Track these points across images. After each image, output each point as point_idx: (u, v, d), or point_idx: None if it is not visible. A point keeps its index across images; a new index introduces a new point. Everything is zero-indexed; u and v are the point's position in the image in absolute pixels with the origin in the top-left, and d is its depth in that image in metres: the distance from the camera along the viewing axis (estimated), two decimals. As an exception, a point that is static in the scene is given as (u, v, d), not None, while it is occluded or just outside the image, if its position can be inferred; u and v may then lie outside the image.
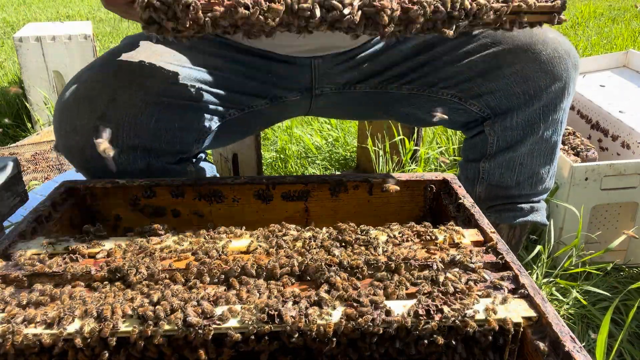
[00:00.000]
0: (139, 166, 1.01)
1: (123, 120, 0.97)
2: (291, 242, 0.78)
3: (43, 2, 8.37)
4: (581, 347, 0.58)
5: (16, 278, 0.70)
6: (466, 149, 1.26)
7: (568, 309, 1.38)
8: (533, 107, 1.12)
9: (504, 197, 1.23)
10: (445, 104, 1.18)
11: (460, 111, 1.18)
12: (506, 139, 1.16)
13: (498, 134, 1.16)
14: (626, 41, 4.30)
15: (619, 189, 1.46)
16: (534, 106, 1.12)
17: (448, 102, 1.18)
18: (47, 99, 3.11)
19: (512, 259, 0.73)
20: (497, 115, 1.15)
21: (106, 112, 0.97)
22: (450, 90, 1.17)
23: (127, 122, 0.97)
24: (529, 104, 1.12)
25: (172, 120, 1.01)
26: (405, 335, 0.63)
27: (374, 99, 1.25)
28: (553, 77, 1.11)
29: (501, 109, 1.14)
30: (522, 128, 1.14)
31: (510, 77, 1.11)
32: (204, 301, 0.63)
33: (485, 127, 1.17)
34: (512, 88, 1.11)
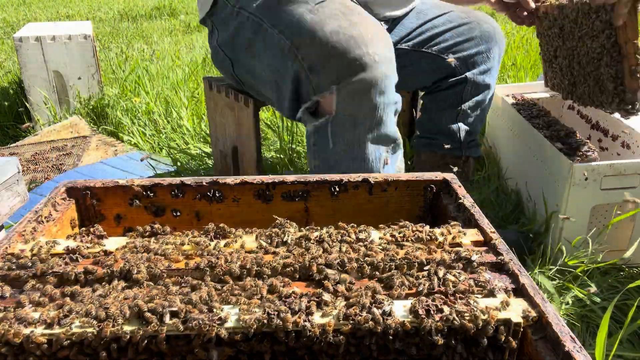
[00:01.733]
0: None
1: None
2: (292, 242, 0.78)
3: (43, 2, 8.38)
4: (581, 347, 0.58)
5: (16, 278, 0.70)
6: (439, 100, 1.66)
7: (568, 309, 1.38)
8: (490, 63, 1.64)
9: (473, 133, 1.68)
10: (434, 58, 1.61)
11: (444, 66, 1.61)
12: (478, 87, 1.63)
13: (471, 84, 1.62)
14: (626, 41, 4.30)
15: (619, 189, 1.46)
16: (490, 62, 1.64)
17: (436, 57, 1.61)
18: (47, 99, 3.11)
19: (512, 259, 0.73)
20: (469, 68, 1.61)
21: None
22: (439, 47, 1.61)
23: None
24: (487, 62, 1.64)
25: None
26: (405, 335, 0.63)
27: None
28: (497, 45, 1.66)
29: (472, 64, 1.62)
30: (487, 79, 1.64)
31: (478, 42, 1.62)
32: (205, 301, 0.63)
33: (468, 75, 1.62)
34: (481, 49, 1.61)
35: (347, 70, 1.14)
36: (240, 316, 0.62)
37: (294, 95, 1.25)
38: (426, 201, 0.98)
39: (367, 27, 1.20)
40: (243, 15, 1.36)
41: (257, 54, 1.34)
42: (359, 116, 1.19)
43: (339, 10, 1.22)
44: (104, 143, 2.61)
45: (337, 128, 1.20)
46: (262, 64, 1.33)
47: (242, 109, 1.59)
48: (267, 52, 1.29)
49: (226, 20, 1.42)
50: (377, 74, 1.15)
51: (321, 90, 1.18)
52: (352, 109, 1.18)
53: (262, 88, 1.42)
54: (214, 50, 1.52)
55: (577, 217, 1.50)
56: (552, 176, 1.55)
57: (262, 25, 1.30)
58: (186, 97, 3.15)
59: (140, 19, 6.95)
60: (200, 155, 2.46)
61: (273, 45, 1.27)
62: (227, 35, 1.42)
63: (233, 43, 1.42)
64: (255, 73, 1.40)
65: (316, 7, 1.23)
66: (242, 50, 1.40)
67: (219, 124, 1.79)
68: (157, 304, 0.63)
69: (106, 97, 3.23)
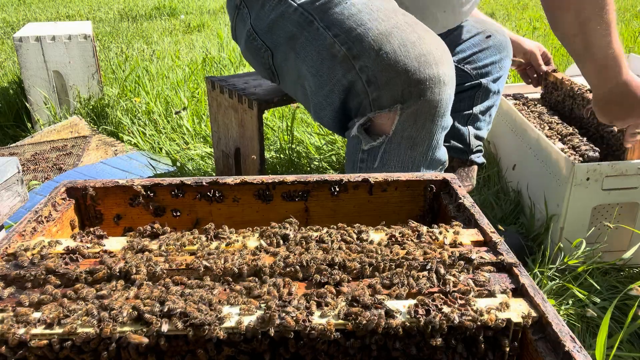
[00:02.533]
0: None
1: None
2: (292, 242, 0.78)
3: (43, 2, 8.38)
4: (581, 347, 0.58)
5: (16, 278, 0.70)
6: (454, 103, 1.66)
7: (568, 309, 1.38)
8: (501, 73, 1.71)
9: (481, 138, 1.71)
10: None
11: (459, 73, 1.59)
12: (488, 93, 1.68)
13: (483, 90, 1.67)
14: (626, 41, 4.30)
15: (620, 189, 1.46)
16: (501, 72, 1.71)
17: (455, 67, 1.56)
18: (47, 99, 3.11)
19: (512, 259, 0.73)
20: (482, 76, 1.67)
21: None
22: (458, 57, 1.66)
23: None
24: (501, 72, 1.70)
25: None
26: (405, 335, 0.63)
27: None
28: (507, 55, 1.73)
29: (487, 73, 1.68)
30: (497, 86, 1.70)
31: (493, 53, 1.69)
32: (205, 301, 0.63)
33: (482, 81, 1.66)
34: (495, 59, 1.68)
35: (416, 89, 1.06)
36: (240, 316, 0.62)
37: (341, 106, 1.16)
38: (426, 201, 0.98)
39: (437, 44, 1.12)
40: (289, 4, 1.22)
41: (299, 50, 1.22)
42: (418, 138, 1.11)
43: (404, 21, 1.13)
44: (104, 143, 2.61)
45: (393, 149, 1.12)
46: (304, 64, 1.22)
47: (245, 111, 1.58)
48: (313, 52, 1.18)
49: (264, 4, 1.29)
50: (444, 96, 1.09)
51: (381, 107, 1.09)
52: (412, 131, 1.10)
53: (296, 88, 1.32)
54: (247, 36, 1.36)
55: (578, 217, 1.50)
56: (554, 176, 1.55)
57: (312, 23, 1.18)
58: (186, 97, 3.15)
59: (140, 19, 6.95)
60: (200, 155, 2.46)
61: (323, 48, 1.16)
62: (266, 21, 1.29)
63: (272, 31, 1.28)
64: (295, 70, 1.27)
65: (379, 15, 1.13)
66: (283, 41, 1.26)
67: (221, 124, 1.79)
68: (157, 304, 0.63)
69: (106, 97, 3.23)
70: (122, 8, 7.77)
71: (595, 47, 1.26)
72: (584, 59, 1.30)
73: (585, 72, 1.34)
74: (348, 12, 1.14)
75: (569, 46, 1.31)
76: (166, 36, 5.61)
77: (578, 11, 1.23)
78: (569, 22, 1.25)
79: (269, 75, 1.42)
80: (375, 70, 1.09)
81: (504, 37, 1.71)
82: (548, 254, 1.53)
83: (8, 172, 1.15)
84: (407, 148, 1.12)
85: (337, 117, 1.19)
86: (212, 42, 5.12)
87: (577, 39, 1.27)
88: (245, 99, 1.57)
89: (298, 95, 1.35)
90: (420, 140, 1.12)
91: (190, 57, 4.44)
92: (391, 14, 1.15)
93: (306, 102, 1.30)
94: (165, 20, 6.82)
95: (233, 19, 1.44)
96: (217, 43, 4.97)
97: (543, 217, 1.65)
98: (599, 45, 1.25)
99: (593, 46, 1.25)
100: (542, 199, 1.64)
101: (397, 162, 1.14)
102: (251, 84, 1.70)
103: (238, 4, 1.39)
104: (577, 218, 1.50)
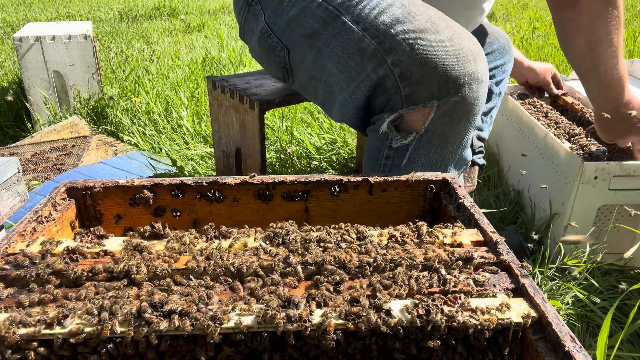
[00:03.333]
0: None
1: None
2: (292, 242, 0.78)
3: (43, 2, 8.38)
4: (581, 347, 0.58)
5: (16, 278, 0.70)
6: None
7: (568, 309, 1.38)
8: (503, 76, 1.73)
9: (483, 139, 1.70)
10: None
11: None
12: (491, 94, 1.67)
13: (488, 92, 1.57)
14: (626, 41, 4.30)
15: (626, 190, 1.46)
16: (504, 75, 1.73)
17: None
18: (47, 99, 3.11)
19: (512, 259, 0.73)
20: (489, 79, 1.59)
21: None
22: None
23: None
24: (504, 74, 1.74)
25: None
26: (405, 335, 0.63)
27: None
28: (510, 58, 1.76)
29: (490, 76, 1.65)
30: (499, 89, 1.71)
31: (497, 56, 1.70)
32: (205, 301, 0.63)
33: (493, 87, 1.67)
34: (499, 63, 1.69)
35: (453, 85, 1.03)
36: (240, 316, 0.62)
37: (366, 103, 1.13)
38: (426, 201, 0.98)
39: (472, 40, 1.09)
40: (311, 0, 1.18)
41: (322, 47, 1.17)
42: (450, 137, 1.09)
43: (437, 16, 1.10)
44: (104, 143, 2.61)
45: (423, 147, 1.09)
46: (329, 60, 1.17)
47: (247, 111, 1.58)
48: (338, 48, 1.14)
49: (282, 0, 1.25)
50: (480, 93, 1.07)
51: (415, 102, 1.06)
52: (446, 128, 1.08)
53: (316, 86, 1.27)
54: (261, 33, 1.31)
55: (583, 216, 1.50)
56: (560, 174, 1.55)
57: (338, 17, 1.14)
58: (186, 97, 3.15)
59: (140, 19, 6.95)
60: (200, 155, 2.46)
61: (350, 43, 1.12)
62: (284, 17, 1.24)
63: (290, 28, 1.23)
64: (316, 67, 1.23)
65: (412, 9, 1.10)
66: (303, 39, 1.21)
67: (222, 124, 1.78)
68: (157, 304, 0.63)
69: (106, 97, 3.23)
70: (122, 8, 7.77)
71: (602, 67, 1.28)
72: (590, 78, 1.33)
73: (590, 90, 1.37)
74: (378, 6, 1.11)
75: (577, 66, 1.33)
76: (166, 36, 5.61)
77: (591, 33, 1.25)
78: (581, 44, 1.27)
79: (281, 74, 1.37)
80: (410, 64, 1.05)
81: (506, 41, 1.73)
82: (548, 253, 1.53)
83: (8, 172, 1.15)
84: (438, 146, 1.10)
85: (359, 114, 1.16)
86: (212, 42, 5.12)
87: (585, 60, 1.29)
88: (246, 99, 1.56)
89: (317, 94, 1.30)
90: (452, 138, 1.10)
91: (190, 57, 4.44)
92: (423, 8, 1.12)
93: (328, 100, 1.26)
94: (165, 20, 6.82)
95: (242, 16, 1.39)
96: (217, 43, 4.97)
97: (544, 217, 1.65)
98: (606, 66, 1.28)
99: (600, 66, 1.28)
100: (545, 198, 1.64)
101: (426, 161, 1.12)
102: (252, 84, 1.69)
103: (249, 1, 1.34)
104: (582, 217, 1.50)
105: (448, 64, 1.03)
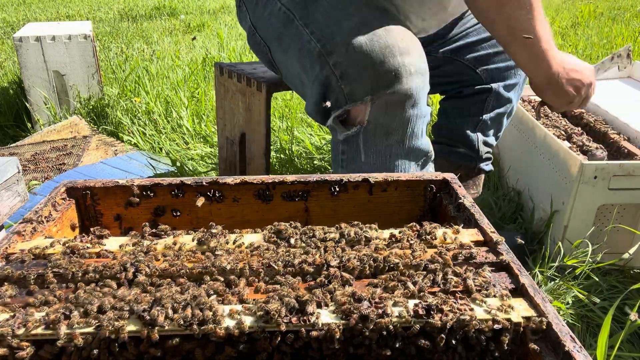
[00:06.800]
0: None
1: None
2: (292, 242, 0.78)
3: (43, 2, 8.37)
4: (581, 347, 0.58)
5: (16, 278, 0.70)
6: (461, 106, 1.62)
7: (568, 309, 1.38)
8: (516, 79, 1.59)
9: (490, 145, 1.64)
10: (464, 68, 1.57)
11: (470, 74, 1.58)
12: (500, 99, 1.58)
13: (495, 95, 1.57)
14: (626, 41, 4.30)
15: (626, 189, 1.46)
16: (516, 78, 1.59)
17: (467, 67, 1.57)
18: (47, 99, 3.11)
19: (512, 259, 0.73)
20: (495, 81, 1.56)
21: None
22: (471, 57, 1.56)
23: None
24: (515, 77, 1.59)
25: None
26: (405, 334, 0.63)
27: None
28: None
29: (500, 78, 1.56)
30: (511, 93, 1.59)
31: (509, 57, 1.48)
32: (205, 301, 0.63)
33: (493, 86, 1.56)
34: (510, 65, 1.55)
35: (383, 80, 1.11)
36: (240, 316, 0.62)
37: (321, 100, 1.20)
38: (426, 201, 0.98)
39: (403, 36, 1.15)
40: (275, 3, 1.29)
41: (286, 48, 1.28)
42: (391, 127, 1.15)
43: (372, 16, 1.17)
44: (104, 143, 2.61)
45: (369, 138, 1.17)
46: (292, 60, 1.28)
47: (253, 94, 1.57)
48: (296, 49, 1.24)
49: (257, 2, 1.35)
50: (412, 85, 1.12)
51: (354, 99, 1.14)
52: (385, 120, 1.14)
53: (292, 82, 1.38)
54: (249, 31, 1.44)
55: (582, 216, 1.50)
56: (560, 174, 1.55)
57: (293, 21, 1.23)
58: (186, 97, 3.15)
59: (140, 19, 6.95)
60: (200, 155, 2.46)
61: (303, 45, 1.21)
62: (261, 20, 1.35)
63: (266, 29, 1.35)
64: (287, 65, 1.34)
65: (350, 11, 1.17)
66: (274, 40, 1.33)
67: (227, 110, 1.77)
68: (157, 304, 0.63)
69: (106, 97, 3.23)
70: (122, 8, 7.77)
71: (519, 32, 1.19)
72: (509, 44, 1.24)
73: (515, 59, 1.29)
74: (322, 8, 1.19)
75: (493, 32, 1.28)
76: (166, 36, 5.61)
77: None
78: (487, 7, 1.19)
79: (272, 68, 1.46)
80: (346, 65, 1.13)
81: None
82: (548, 253, 1.53)
83: (8, 172, 1.15)
84: (382, 136, 1.16)
85: (319, 110, 1.22)
86: (212, 42, 5.11)
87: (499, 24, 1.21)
88: (253, 81, 1.56)
89: (297, 89, 1.39)
90: (394, 128, 1.16)
91: (190, 57, 4.44)
92: (362, 7, 1.18)
93: (303, 95, 1.35)
94: (165, 20, 6.82)
95: (237, 15, 1.50)
96: (217, 43, 4.97)
97: (544, 217, 1.65)
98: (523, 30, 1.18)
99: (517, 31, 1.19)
100: (545, 198, 1.64)
101: (375, 152, 1.18)
102: (259, 70, 1.70)
103: (239, 5, 1.45)
104: (582, 217, 1.50)
105: (377, 61, 1.10)
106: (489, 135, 1.64)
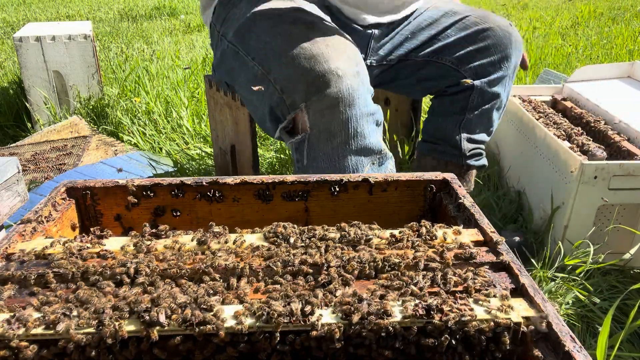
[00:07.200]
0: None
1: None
2: (293, 242, 0.78)
3: (43, 2, 8.37)
4: (581, 346, 0.58)
5: (16, 278, 0.70)
6: (445, 104, 1.65)
7: (568, 309, 1.38)
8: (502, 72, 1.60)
9: (478, 142, 1.66)
10: (445, 68, 1.60)
11: (454, 74, 1.60)
12: (484, 96, 1.59)
13: (478, 92, 1.59)
14: (626, 41, 4.30)
15: (626, 189, 1.46)
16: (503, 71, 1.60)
17: (448, 68, 1.59)
18: (47, 99, 3.11)
19: (512, 259, 0.73)
20: (478, 77, 1.58)
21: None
22: (451, 57, 1.59)
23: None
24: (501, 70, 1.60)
25: None
26: (405, 335, 0.63)
27: (396, 67, 1.61)
28: (513, 53, 1.59)
29: (484, 74, 1.58)
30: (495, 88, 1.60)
31: (491, 51, 1.57)
32: (205, 301, 0.63)
33: (476, 83, 1.57)
34: (494, 59, 1.57)
35: (313, 87, 1.18)
36: (240, 316, 0.62)
37: (272, 116, 1.29)
38: (426, 201, 0.98)
39: (328, 44, 1.23)
40: (225, 42, 1.43)
41: (237, 79, 1.41)
42: (333, 130, 1.20)
43: (301, 32, 1.27)
44: (104, 143, 2.61)
45: (314, 143, 1.23)
46: (243, 89, 1.39)
47: (238, 108, 1.59)
48: (245, 77, 1.35)
49: (217, 44, 1.50)
50: (342, 87, 1.17)
51: (294, 108, 1.22)
52: (325, 124, 1.20)
53: (251, 110, 1.47)
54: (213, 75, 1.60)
55: (582, 216, 1.50)
56: (560, 174, 1.55)
57: (238, 53, 1.37)
58: (186, 97, 3.15)
59: (140, 19, 6.95)
60: (200, 155, 2.46)
61: (248, 70, 1.33)
62: (216, 59, 1.52)
63: (222, 67, 1.50)
64: (243, 95, 1.46)
65: (281, 32, 1.28)
66: (227, 75, 1.48)
67: (218, 122, 1.79)
68: (158, 304, 0.63)
69: (106, 97, 3.23)
70: (122, 8, 7.77)
71: None
72: None
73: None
74: (256, 36, 1.32)
75: None
76: (166, 36, 5.61)
77: None
78: None
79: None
80: (283, 79, 1.23)
81: (506, 33, 1.57)
82: (548, 254, 1.53)
83: (8, 172, 1.15)
84: (326, 140, 1.21)
85: (273, 126, 1.30)
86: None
87: None
88: (237, 96, 1.57)
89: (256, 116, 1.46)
90: (335, 131, 1.20)
91: (190, 57, 4.44)
92: (288, 26, 1.29)
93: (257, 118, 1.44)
94: (165, 20, 6.82)
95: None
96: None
97: (544, 217, 1.65)
98: None
99: None
100: (545, 198, 1.64)
101: (323, 155, 1.23)
102: None
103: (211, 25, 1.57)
104: (582, 217, 1.50)
105: (304, 71, 1.19)
106: (475, 132, 1.65)
